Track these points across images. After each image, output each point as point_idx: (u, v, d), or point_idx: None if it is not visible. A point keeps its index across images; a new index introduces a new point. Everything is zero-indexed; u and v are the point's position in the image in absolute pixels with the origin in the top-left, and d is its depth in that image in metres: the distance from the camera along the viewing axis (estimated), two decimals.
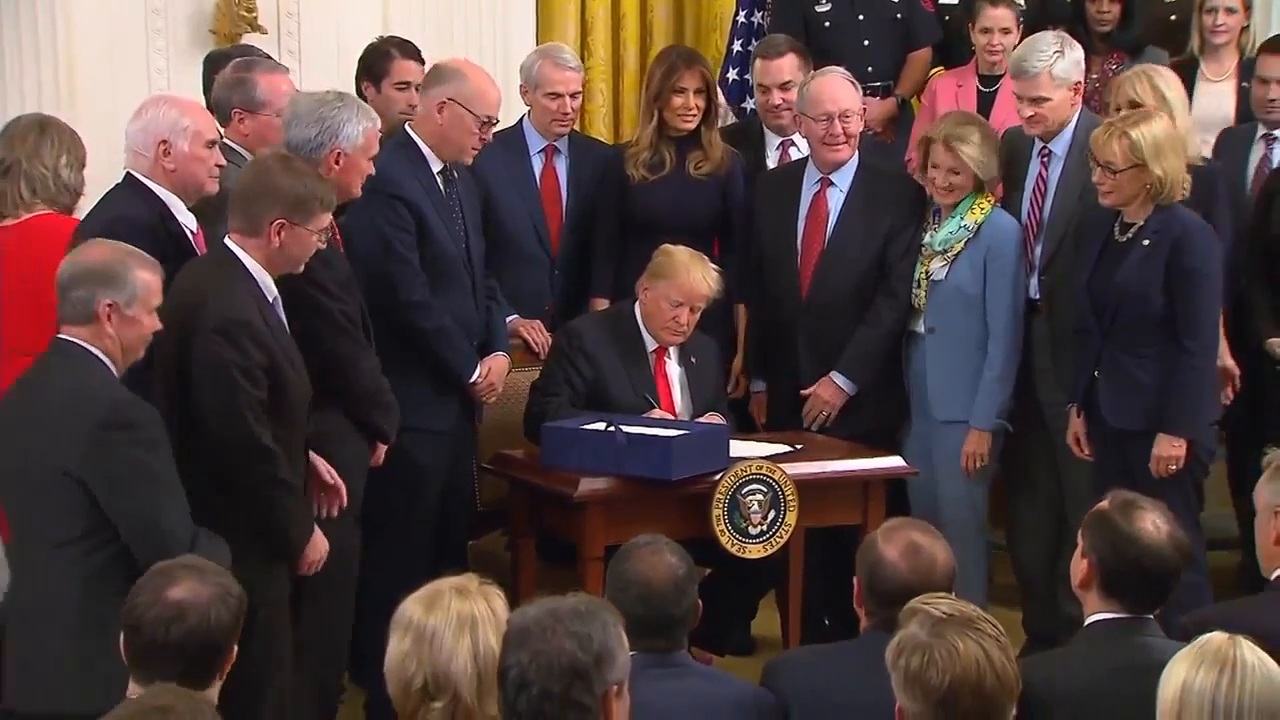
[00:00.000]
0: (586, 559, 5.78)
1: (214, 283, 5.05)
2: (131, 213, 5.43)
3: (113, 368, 4.62)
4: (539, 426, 6.15)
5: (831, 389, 6.70)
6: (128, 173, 5.58)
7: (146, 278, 4.63)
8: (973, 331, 6.65)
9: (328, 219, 5.20)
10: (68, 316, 4.62)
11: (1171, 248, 6.12)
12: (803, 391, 6.67)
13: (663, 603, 4.06)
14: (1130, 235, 6.23)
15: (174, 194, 5.53)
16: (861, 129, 6.83)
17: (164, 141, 5.51)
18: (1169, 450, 6.17)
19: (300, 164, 5.26)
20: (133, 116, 5.62)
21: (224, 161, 5.60)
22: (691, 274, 6.34)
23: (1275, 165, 7.09)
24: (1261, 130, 7.21)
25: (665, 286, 6.36)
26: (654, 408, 6.31)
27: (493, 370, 6.27)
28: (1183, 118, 6.49)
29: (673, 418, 6.39)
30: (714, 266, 6.45)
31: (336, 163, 5.56)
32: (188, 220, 5.57)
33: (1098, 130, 6.25)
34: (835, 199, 6.79)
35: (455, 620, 3.56)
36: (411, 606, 3.66)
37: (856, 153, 6.82)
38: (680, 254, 6.40)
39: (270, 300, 5.17)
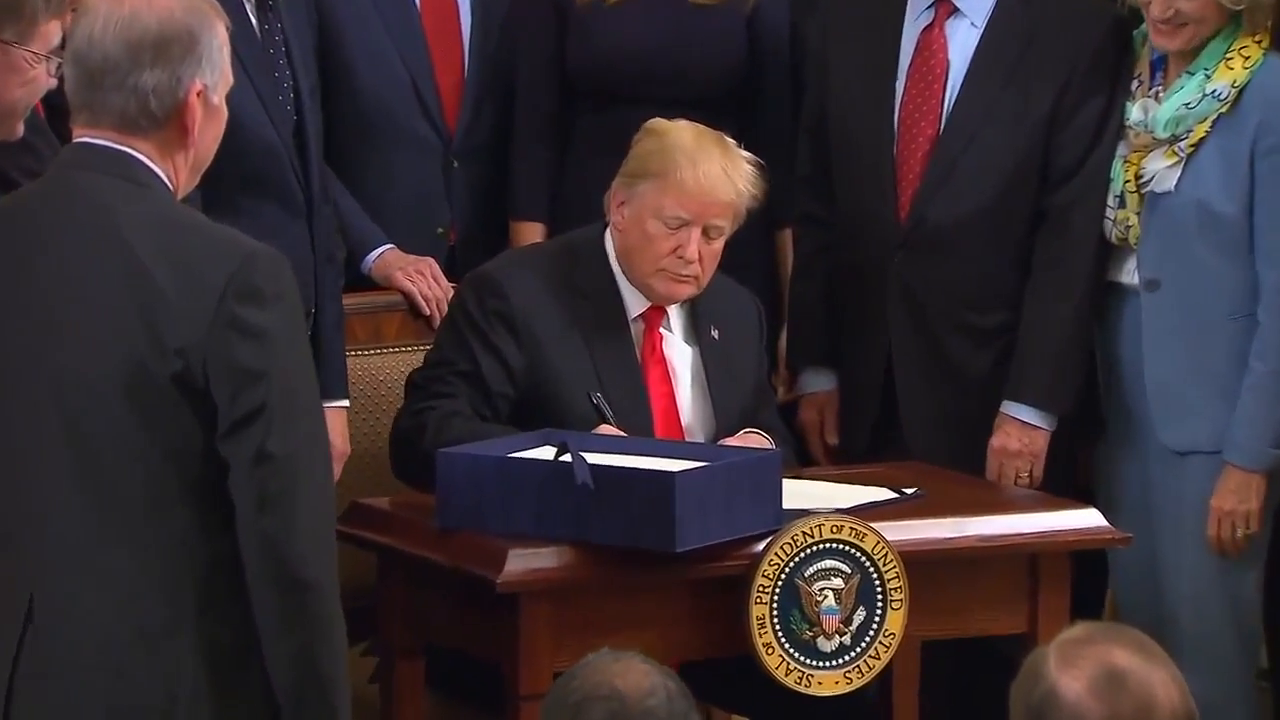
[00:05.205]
0: (519, 697, 4.45)
1: None
2: None
3: None
4: (422, 454, 4.72)
5: (1017, 431, 5.23)
6: None
7: (223, 36, 3.97)
8: (1228, 286, 5.06)
9: (57, 34, 4.26)
10: (120, 112, 3.79)
11: None
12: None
13: None
14: None
15: None
16: None
17: None
18: None
19: None
20: None
21: None
22: (701, 167, 4.83)
23: None
24: None
25: (655, 192, 4.85)
26: (607, 420, 4.93)
27: (334, 446, 5.01)
28: None
29: (676, 440, 5.00)
30: (746, 154, 4.93)
31: None
32: None
33: None
34: (961, 39, 5.18)
35: None
36: None
37: None
38: (682, 134, 4.92)
39: None
